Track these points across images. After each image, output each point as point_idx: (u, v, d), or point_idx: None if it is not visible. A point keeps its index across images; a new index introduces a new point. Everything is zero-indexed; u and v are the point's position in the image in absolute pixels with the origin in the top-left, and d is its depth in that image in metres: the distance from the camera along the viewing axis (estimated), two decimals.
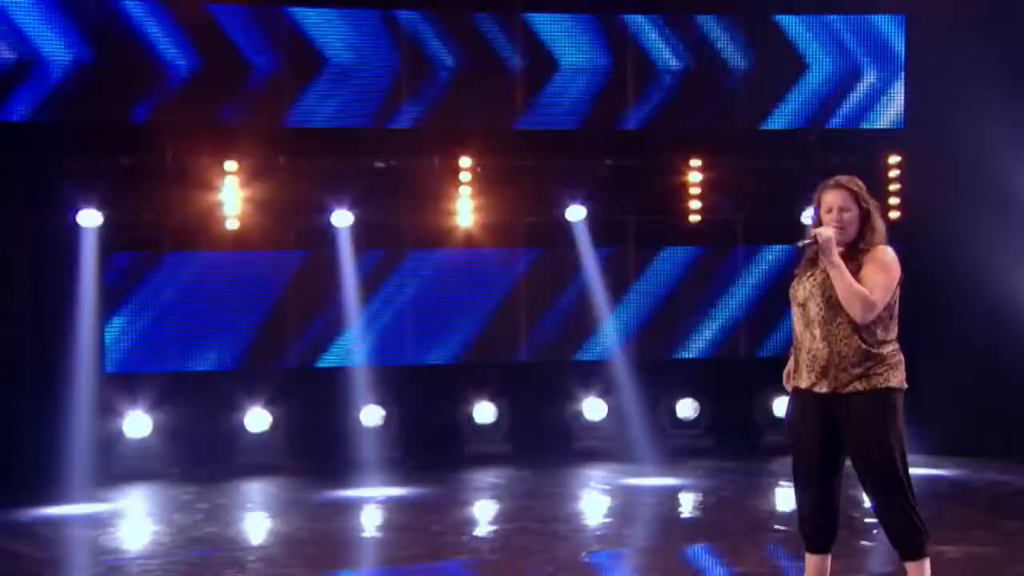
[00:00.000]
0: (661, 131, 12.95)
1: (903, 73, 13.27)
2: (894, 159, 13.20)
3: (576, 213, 12.82)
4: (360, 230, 12.48)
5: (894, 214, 12.86)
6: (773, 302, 12.97)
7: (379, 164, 12.50)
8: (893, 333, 6.01)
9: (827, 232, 5.89)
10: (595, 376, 13.10)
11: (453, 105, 12.58)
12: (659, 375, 13.14)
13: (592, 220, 12.83)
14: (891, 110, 13.42)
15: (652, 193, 12.98)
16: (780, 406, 13.16)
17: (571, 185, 12.78)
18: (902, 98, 13.27)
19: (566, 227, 12.83)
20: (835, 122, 13.35)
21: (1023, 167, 12.05)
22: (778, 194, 12.92)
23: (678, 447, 13.02)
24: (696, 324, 13.44)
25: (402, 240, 12.73)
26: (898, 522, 5.97)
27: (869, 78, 13.38)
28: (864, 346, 5.90)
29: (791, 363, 6.20)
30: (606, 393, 13.10)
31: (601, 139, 12.93)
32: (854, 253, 5.99)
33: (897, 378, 5.98)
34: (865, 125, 13.37)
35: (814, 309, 5.97)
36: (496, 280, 12.91)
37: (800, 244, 5.96)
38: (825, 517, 6.07)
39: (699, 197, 13.12)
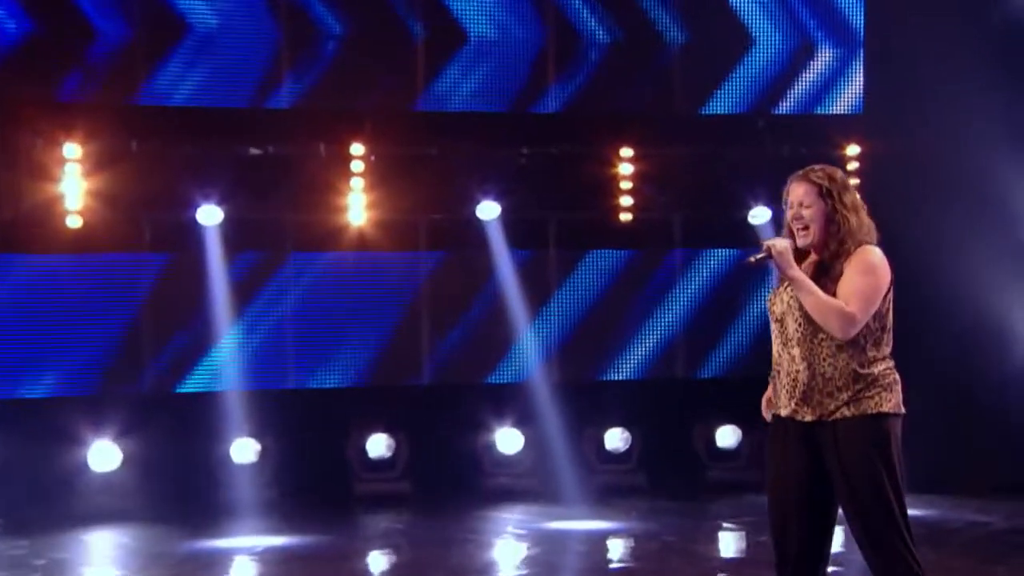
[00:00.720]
0: (587, 115, 12.49)
1: (862, 50, 12.87)
2: (853, 149, 12.63)
3: (488, 210, 12.26)
4: (231, 229, 11.82)
5: None
6: (716, 314, 12.83)
7: (254, 151, 11.86)
8: (886, 349, 5.75)
9: (780, 243, 5.66)
10: (510, 402, 12.51)
11: (342, 81, 12.02)
12: (584, 400, 12.54)
13: (507, 218, 12.30)
14: (849, 93, 12.98)
15: (576, 187, 12.43)
16: (725, 436, 12.83)
17: (482, 177, 12.24)
18: (861, 79, 12.87)
19: (476, 227, 12.33)
20: (786, 106, 12.90)
21: (1002, 158, 11.92)
22: (722, 189, 12.45)
23: (607, 484, 12.51)
24: (627, 340, 12.90)
25: (282, 241, 12.13)
26: (892, 568, 5.70)
27: (824, 56, 12.98)
28: (852, 366, 5.67)
29: (771, 387, 5.95)
30: (523, 422, 12.49)
31: (517, 124, 12.44)
32: (828, 258, 5.73)
33: (891, 402, 5.71)
34: (820, 110, 12.94)
35: (792, 325, 5.74)
36: (394, 289, 12.31)
37: (752, 259, 5.69)
38: (811, 568, 5.79)
39: (631, 192, 12.50)
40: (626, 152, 12.56)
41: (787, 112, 12.88)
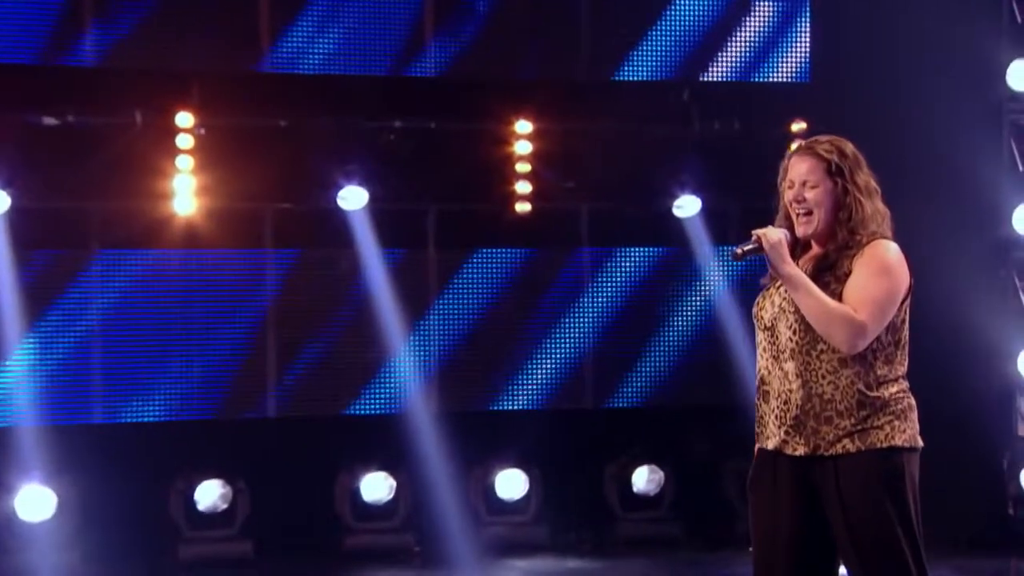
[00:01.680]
0: (474, 81, 12.09)
1: (809, 5, 12.48)
2: (798, 126, 12.18)
3: (351, 198, 11.76)
4: (20, 219, 11.28)
5: None
6: (633, 330, 12.36)
7: (49, 120, 11.35)
8: (900, 368, 5.55)
9: (774, 233, 5.55)
10: (378, 438, 11.88)
11: (165, 34, 11.47)
12: (472, 435, 11.97)
13: (375, 209, 11.82)
14: (794, 57, 12.48)
15: (461, 170, 12.02)
16: (643, 479, 12.26)
17: (343, 157, 11.76)
18: (808, 41, 12.47)
19: (336, 219, 11.85)
20: (716, 73, 12.42)
21: (978, 139, 11.78)
22: (639, 173, 12.08)
23: (501, 539, 12.04)
24: (524, 360, 12.34)
25: (86, 235, 11.57)
26: None
27: (763, 12, 12.50)
28: (857, 386, 5.47)
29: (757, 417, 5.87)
30: (394, 463, 11.96)
31: (387, 91, 11.96)
32: (834, 251, 5.59)
33: (905, 433, 5.49)
34: (758, 78, 12.47)
35: (785, 334, 5.61)
36: (232, 296, 11.74)
37: (740, 250, 5.56)
38: None
39: (528, 177, 12.06)
40: (523, 127, 12.12)
41: (718, 79, 12.44)
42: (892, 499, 5.46)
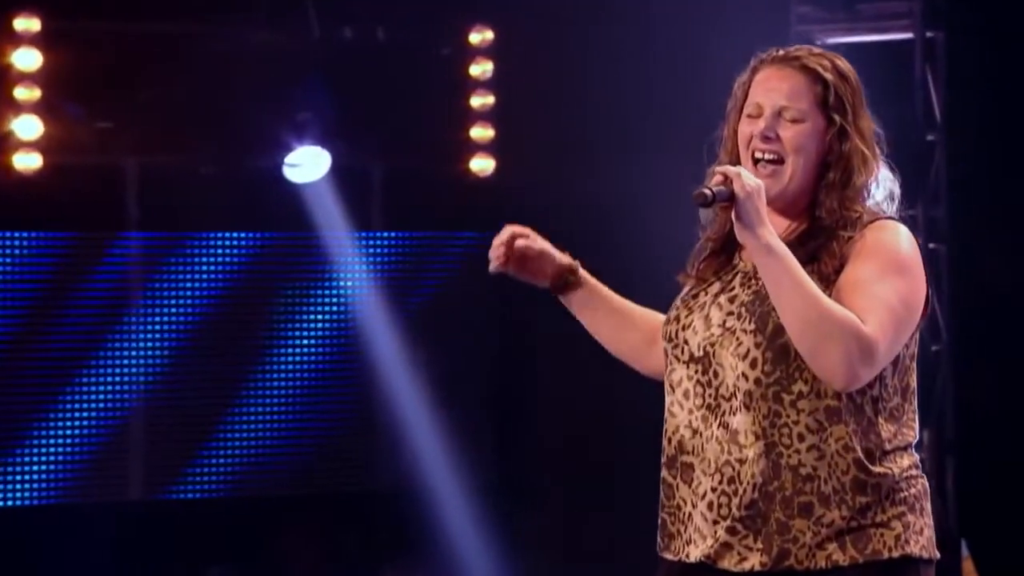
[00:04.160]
0: None
1: None
2: (480, 35, 11.39)
3: None
4: None
5: (480, 163, 11.36)
6: (209, 371, 11.07)
7: None
8: (911, 432, 4.80)
9: (751, 179, 4.61)
10: None
11: None
12: None
13: None
14: None
15: None
16: None
17: None
18: None
19: None
20: None
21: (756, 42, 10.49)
22: (223, 110, 10.60)
23: None
24: (26, 426, 10.65)
25: None
26: None
27: None
28: (855, 454, 4.69)
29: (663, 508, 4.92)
30: None
31: None
32: (819, 233, 4.87)
33: (923, 535, 4.73)
34: None
35: (736, 366, 4.77)
36: None
37: (708, 191, 4.60)
38: None
39: (36, 110, 10.41)
40: (25, 25, 10.42)
41: None
42: None
